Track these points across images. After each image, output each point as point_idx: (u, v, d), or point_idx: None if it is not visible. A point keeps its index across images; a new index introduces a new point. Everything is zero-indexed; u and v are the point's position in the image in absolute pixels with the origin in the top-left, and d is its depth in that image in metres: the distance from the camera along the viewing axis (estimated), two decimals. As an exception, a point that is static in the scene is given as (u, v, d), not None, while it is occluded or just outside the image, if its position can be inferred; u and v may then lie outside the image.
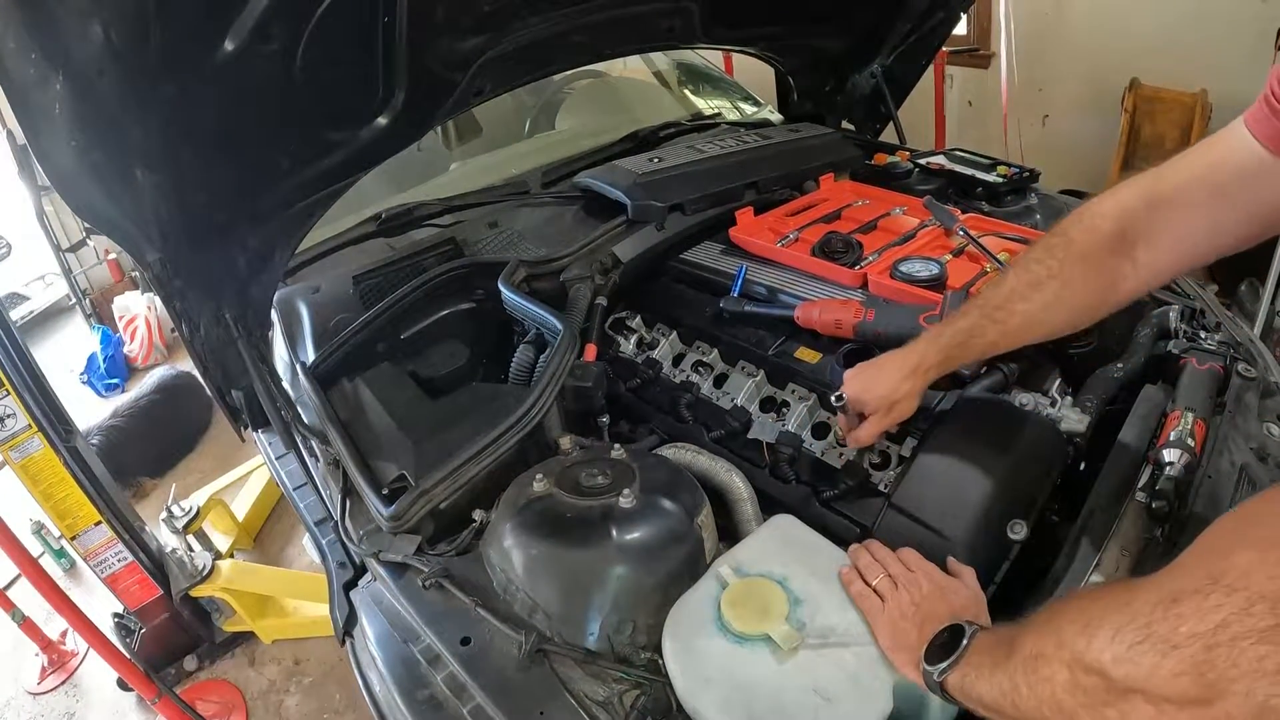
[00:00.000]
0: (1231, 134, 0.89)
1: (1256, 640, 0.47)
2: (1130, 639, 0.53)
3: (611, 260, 1.75)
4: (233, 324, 1.45)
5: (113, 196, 1.20)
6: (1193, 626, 0.50)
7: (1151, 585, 0.55)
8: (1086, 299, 1.02)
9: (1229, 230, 0.91)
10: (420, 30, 1.42)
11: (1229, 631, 0.48)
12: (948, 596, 0.93)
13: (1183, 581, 0.53)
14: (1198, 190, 0.91)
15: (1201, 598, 0.50)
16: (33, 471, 2.08)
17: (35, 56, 0.97)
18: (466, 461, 1.21)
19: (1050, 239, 1.03)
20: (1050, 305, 1.02)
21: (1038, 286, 1.02)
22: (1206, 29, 3.35)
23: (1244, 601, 0.48)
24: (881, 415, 1.16)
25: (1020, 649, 0.68)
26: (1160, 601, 0.52)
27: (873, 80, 2.41)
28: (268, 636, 2.55)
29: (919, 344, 1.15)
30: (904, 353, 1.15)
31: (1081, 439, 1.22)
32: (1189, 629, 0.50)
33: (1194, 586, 0.51)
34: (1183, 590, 0.52)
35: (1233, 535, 0.53)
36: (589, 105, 2.85)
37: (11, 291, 4.87)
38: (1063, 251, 1.00)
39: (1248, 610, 0.48)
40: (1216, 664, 0.48)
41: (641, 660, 1.01)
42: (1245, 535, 0.52)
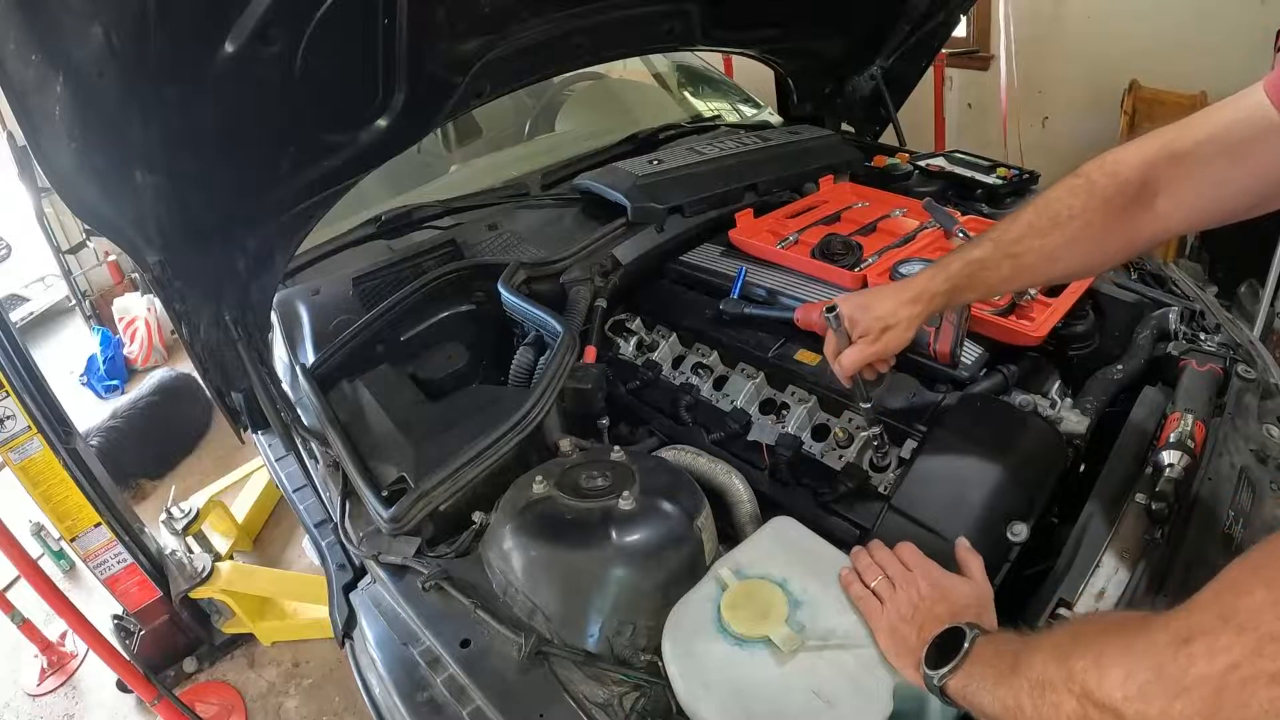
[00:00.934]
0: (1249, 95, 0.89)
1: (1267, 683, 0.47)
2: (1142, 679, 0.53)
3: (611, 262, 1.75)
4: (232, 326, 1.45)
5: (112, 198, 1.20)
6: (1203, 669, 0.50)
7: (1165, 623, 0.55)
8: (1105, 243, 1.00)
9: (1235, 192, 0.91)
10: (420, 32, 1.42)
11: (1239, 674, 0.48)
12: (948, 596, 0.91)
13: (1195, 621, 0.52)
14: (1210, 146, 0.91)
15: (1213, 638, 0.50)
16: (32, 473, 2.08)
17: (35, 58, 0.98)
18: (466, 463, 1.21)
19: (1072, 180, 1.01)
20: (1069, 243, 1.00)
21: (1058, 224, 1.00)
22: (1206, 30, 3.36)
23: (1255, 643, 0.48)
24: (872, 339, 1.11)
25: (1027, 669, 0.67)
26: (1172, 642, 0.52)
27: (872, 82, 2.41)
28: (267, 638, 2.55)
29: (925, 271, 1.11)
30: (908, 279, 1.12)
31: (1081, 440, 1.22)
32: (1199, 671, 0.50)
33: (1205, 627, 0.51)
34: (1194, 630, 0.51)
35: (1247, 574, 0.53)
36: (589, 107, 2.85)
37: (11, 293, 4.87)
38: (1085, 193, 0.99)
39: (1259, 652, 0.48)
40: (1226, 707, 0.48)
41: (641, 662, 1.01)
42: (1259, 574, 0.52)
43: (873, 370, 1.19)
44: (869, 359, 1.13)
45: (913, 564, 0.97)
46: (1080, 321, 1.43)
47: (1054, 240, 1.00)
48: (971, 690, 0.75)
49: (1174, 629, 0.53)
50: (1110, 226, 0.98)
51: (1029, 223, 1.03)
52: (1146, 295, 1.53)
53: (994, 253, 1.05)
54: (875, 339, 1.11)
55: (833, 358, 1.16)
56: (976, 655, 0.77)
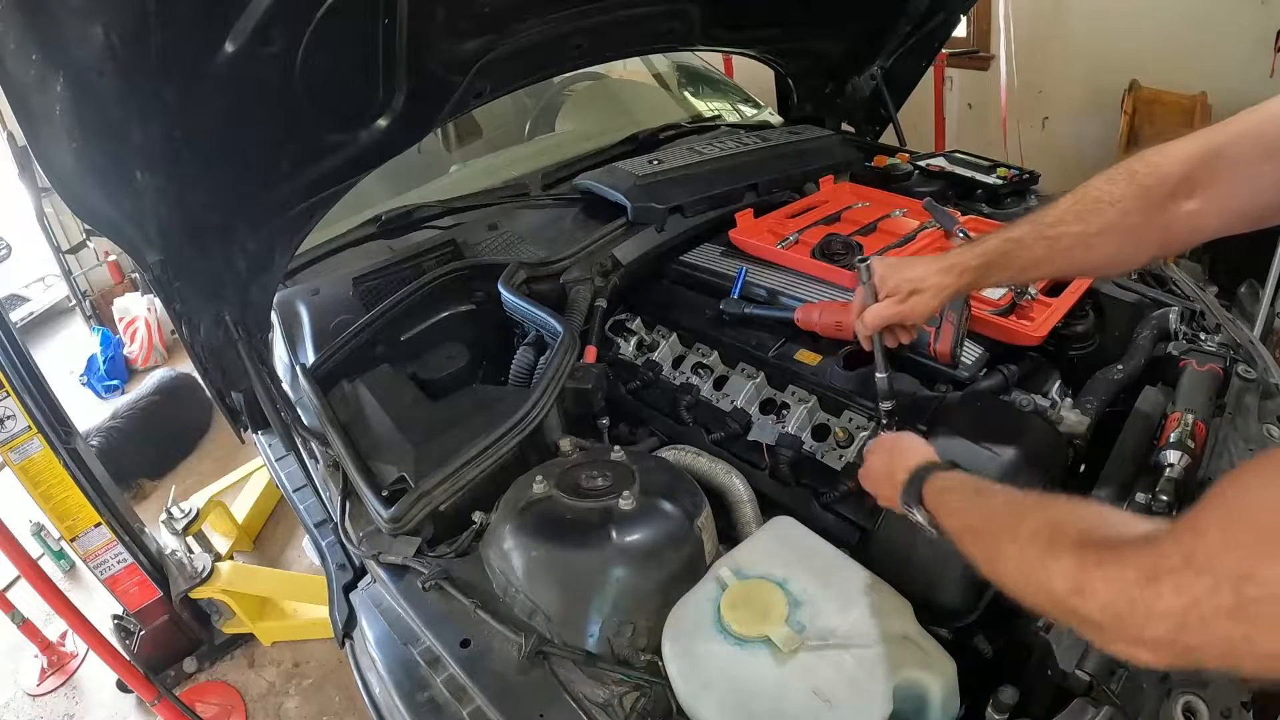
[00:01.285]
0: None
1: (1224, 618, 0.53)
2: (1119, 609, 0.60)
3: (611, 262, 1.75)
4: (233, 326, 1.45)
5: (113, 198, 1.20)
6: (1169, 603, 0.56)
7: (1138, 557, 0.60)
8: (1140, 235, 1.00)
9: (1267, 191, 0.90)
10: (420, 32, 1.42)
11: (1199, 610, 0.54)
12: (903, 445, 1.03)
13: (1161, 560, 0.58)
14: (1246, 143, 0.90)
15: (1177, 577, 0.56)
16: (32, 473, 2.08)
17: (36, 58, 0.98)
18: (466, 463, 1.21)
19: (1112, 172, 1.01)
20: (1105, 232, 1.00)
21: (1096, 211, 1.00)
22: (1206, 31, 3.36)
23: (1212, 582, 0.54)
24: (899, 299, 1.11)
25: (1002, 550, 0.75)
26: (1141, 579, 0.58)
27: (872, 82, 2.42)
28: (267, 638, 2.55)
29: (962, 246, 1.11)
30: (944, 253, 1.13)
31: (1081, 440, 1.22)
32: (1165, 605, 0.56)
33: (1170, 566, 0.57)
34: (1161, 570, 0.57)
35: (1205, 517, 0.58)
36: (589, 107, 2.85)
37: (11, 293, 4.87)
38: (1125, 182, 0.99)
39: (1215, 591, 0.54)
40: (1189, 637, 0.55)
41: (641, 662, 1.01)
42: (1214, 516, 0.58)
43: (893, 336, 1.19)
44: (892, 319, 1.13)
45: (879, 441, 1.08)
46: (1080, 321, 1.43)
47: (1091, 226, 1.00)
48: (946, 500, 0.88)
49: (1145, 567, 0.59)
50: (1146, 218, 0.98)
51: (1068, 208, 1.03)
52: (1146, 295, 1.53)
53: (1030, 233, 1.05)
54: (902, 300, 1.11)
55: (856, 313, 1.17)
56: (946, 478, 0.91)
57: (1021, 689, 0.93)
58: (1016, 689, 0.92)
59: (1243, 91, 3.34)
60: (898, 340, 1.20)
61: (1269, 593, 0.52)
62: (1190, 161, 0.95)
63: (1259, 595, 0.52)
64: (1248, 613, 0.53)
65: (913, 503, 0.94)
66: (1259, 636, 0.53)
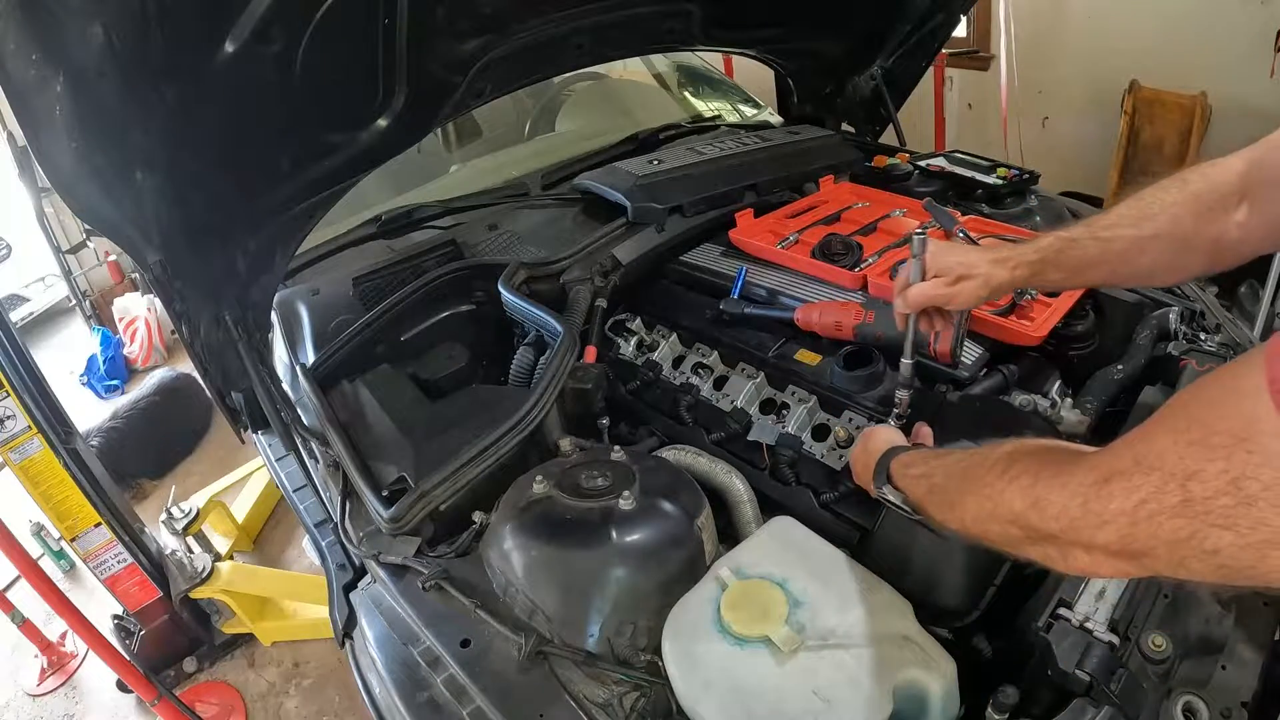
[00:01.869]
0: None
1: (1170, 515, 0.56)
2: (1073, 514, 0.63)
3: (611, 262, 1.75)
4: (233, 326, 1.45)
5: (113, 198, 1.20)
6: (1120, 504, 0.59)
7: (1092, 464, 0.63)
8: (1190, 244, 0.99)
9: None
10: (420, 32, 1.42)
11: (1148, 508, 0.57)
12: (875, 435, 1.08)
13: (1113, 462, 0.61)
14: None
15: (1126, 479, 0.59)
16: (32, 473, 2.08)
17: (36, 58, 0.98)
18: (466, 463, 1.21)
19: (1166, 181, 1.02)
20: (1156, 238, 1.00)
21: (1148, 216, 1.00)
22: (1206, 31, 3.36)
23: (1160, 481, 0.57)
24: (947, 281, 1.09)
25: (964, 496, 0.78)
26: (1095, 481, 0.61)
27: (872, 82, 2.42)
28: (267, 639, 2.55)
29: (1016, 243, 1.11)
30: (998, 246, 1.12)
31: (1081, 440, 1.22)
32: (1117, 506, 0.59)
33: (1121, 468, 0.60)
34: (1113, 471, 0.60)
35: (1155, 422, 0.60)
36: (589, 107, 2.85)
37: (11, 293, 4.87)
38: (1178, 190, 0.99)
39: (1162, 489, 0.56)
40: (1140, 536, 0.58)
41: (641, 662, 1.01)
42: (1163, 422, 0.60)
43: (928, 321, 1.17)
44: (935, 301, 1.11)
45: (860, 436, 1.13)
46: (1080, 321, 1.43)
47: (1144, 231, 1.00)
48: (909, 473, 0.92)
49: (1098, 469, 0.62)
50: (1196, 227, 0.98)
51: (1122, 212, 1.03)
52: (1147, 295, 1.52)
53: (1085, 234, 1.04)
54: (950, 282, 1.09)
55: (900, 288, 1.14)
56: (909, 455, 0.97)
57: (1021, 689, 0.93)
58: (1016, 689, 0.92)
59: (1243, 91, 3.35)
60: (932, 327, 1.18)
61: (1214, 489, 0.53)
62: (1240, 172, 0.95)
63: (1204, 492, 0.54)
64: (1194, 509, 0.54)
65: (883, 484, 0.98)
66: (1205, 533, 0.54)
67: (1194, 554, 0.55)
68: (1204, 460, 0.54)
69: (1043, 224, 1.82)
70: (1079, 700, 0.88)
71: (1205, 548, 0.54)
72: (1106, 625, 0.91)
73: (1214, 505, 0.53)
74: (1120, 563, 0.62)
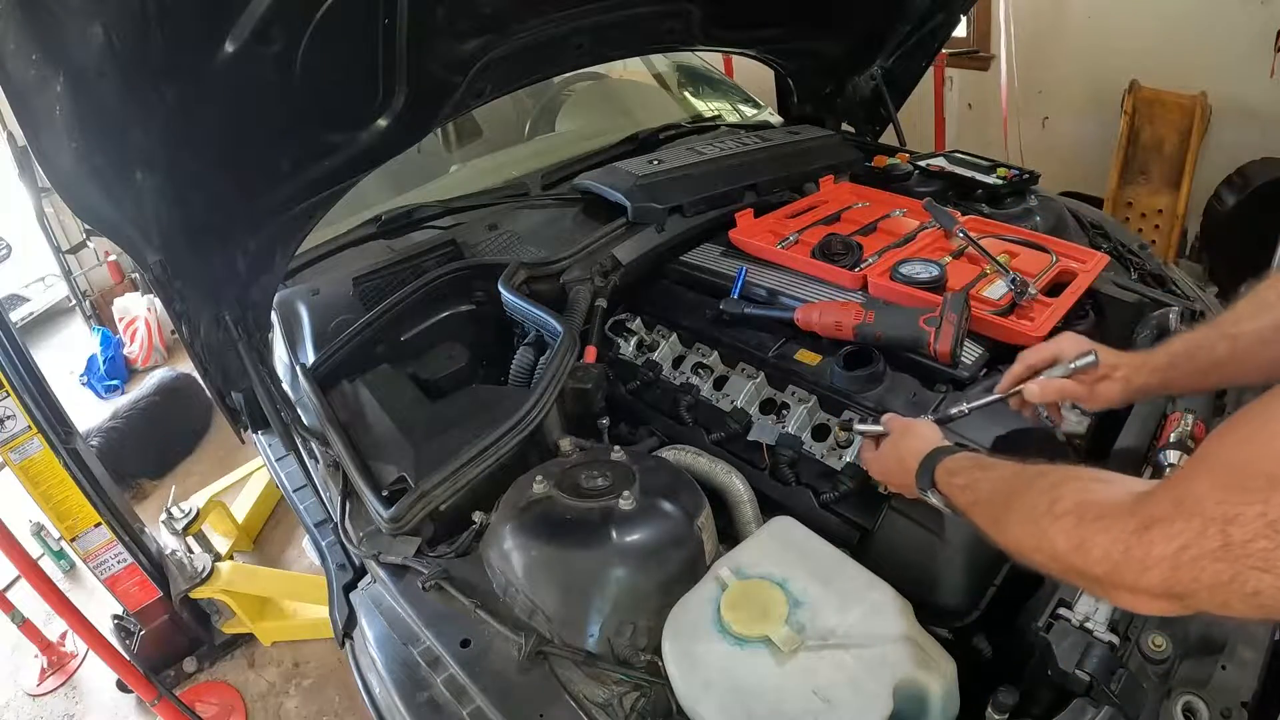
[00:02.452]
0: None
1: (1212, 559, 0.57)
2: (1116, 559, 0.64)
3: (611, 262, 1.75)
4: (233, 326, 1.45)
5: (113, 198, 1.20)
6: (1161, 550, 0.60)
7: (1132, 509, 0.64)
8: None
9: None
10: (420, 32, 1.42)
11: (1190, 554, 0.58)
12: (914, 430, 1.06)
13: (1153, 509, 0.62)
14: None
15: (1168, 524, 0.60)
16: (32, 473, 2.08)
17: (36, 58, 0.98)
18: (466, 463, 1.21)
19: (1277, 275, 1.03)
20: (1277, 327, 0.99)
21: (1266, 307, 1.00)
22: (1206, 31, 3.35)
23: (1200, 526, 0.58)
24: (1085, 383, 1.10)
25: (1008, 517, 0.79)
26: (1137, 528, 0.62)
27: (872, 82, 2.42)
28: (267, 639, 2.55)
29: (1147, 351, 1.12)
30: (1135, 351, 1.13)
31: (1081, 440, 1.22)
32: (1159, 552, 0.60)
33: (1161, 514, 0.61)
34: (1153, 518, 0.62)
35: (1192, 466, 0.63)
36: (589, 107, 2.85)
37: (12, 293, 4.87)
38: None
39: (1203, 534, 0.57)
40: (1183, 580, 0.59)
41: (641, 662, 1.01)
42: (1200, 466, 0.62)
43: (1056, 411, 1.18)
44: (1073, 398, 1.13)
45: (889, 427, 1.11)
46: (1080, 321, 1.44)
47: (1264, 323, 1.00)
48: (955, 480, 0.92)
49: (1139, 514, 0.63)
50: None
51: (1241, 309, 1.03)
52: (1146, 295, 1.53)
53: (1213, 334, 1.05)
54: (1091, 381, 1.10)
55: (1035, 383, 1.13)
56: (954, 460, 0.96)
57: (1021, 689, 0.93)
58: (1016, 689, 0.92)
59: (1243, 91, 3.35)
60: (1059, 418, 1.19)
61: (1252, 531, 0.55)
62: None
63: (1243, 536, 0.55)
64: (1234, 553, 0.56)
65: (927, 487, 0.98)
66: (1246, 575, 0.55)
67: (1236, 596, 0.57)
68: (1241, 504, 0.56)
69: (1043, 224, 1.82)
70: (1079, 700, 0.88)
71: (1246, 590, 0.56)
72: (1106, 625, 0.92)
73: (1253, 548, 0.55)
74: (1164, 604, 0.63)
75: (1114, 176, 3.76)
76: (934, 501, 0.98)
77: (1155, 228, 3.70)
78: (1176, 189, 3.57)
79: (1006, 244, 1.62)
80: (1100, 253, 1.59)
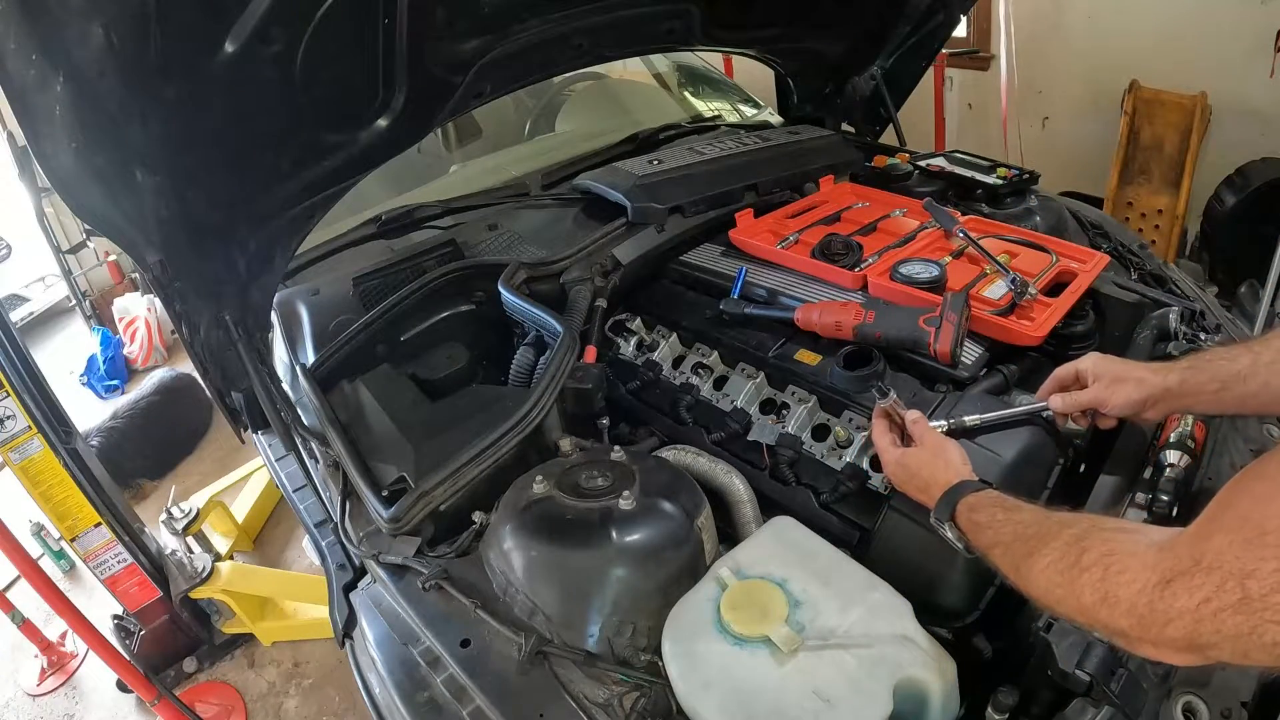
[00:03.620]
0: None
1: (1233, 612, 0.59)
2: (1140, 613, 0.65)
3: (611, 262, 1.75)
4: (233, 326, 1.45)
5: (113, 198, 1.20)
6: (1183, 604, 0.62)
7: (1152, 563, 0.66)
8: None
9: None
10: (420, 32, 1.42)
11: (1211, 606, 0.60)
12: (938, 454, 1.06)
13: (1174, 564, 0.64)
14: None
15: (1188, 579, 0.62)
16: (32, 473, 2.08)
17: (36, 58, 0.97)
18: (466, 463, 1.21)
19: None
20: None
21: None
22: (1206, 31, 3.36)
23: (1220, 580, 0.60)
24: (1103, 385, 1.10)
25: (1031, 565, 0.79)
26: (1159, 583, 0.64)
27: (872, 82, 2.41)
28: (267, 639, 2.55)
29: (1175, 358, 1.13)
30: None
31: (1081, 440, 1.22)
32: (1181, 605, 0.62)
33: (1181, 569, 0.63)
34: (1174, 572, 0.63)
35: (1209, 521, 0.64)
36: (589, 107, 2.85)
37: (11, 293, 4.87)
38: None
39: (1222, 588, 0.59)
40: (1204, 633, 0.61)
41: (641, 662, 1.01)
42: (1218, 521, 0.63)
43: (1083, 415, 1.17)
44: (1088, 406, 1.13)
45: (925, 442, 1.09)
46: (1080, 321, 1.43)
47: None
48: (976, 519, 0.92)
49: (1160, 569, 0.65)
50: None
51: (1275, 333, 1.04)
52: (1147, 295, 1.53)
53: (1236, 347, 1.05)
54: (1107, 385, 1.10)
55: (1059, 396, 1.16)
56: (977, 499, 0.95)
57: (1021, 689, 0.93)
58: (1016, 689, 0.92)
59: (1243, 91, 3.35)
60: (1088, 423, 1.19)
61: (1270, 585, 0.57)
62: None
63: (1261, 589, 0.57)
64: (1253, 606, 0.57)
65: (944, 520, 0.98)
66: (1266, 628, 0.57)
67: (1255, 647, 0.58)
68: (1258, 559, 0.58)
69: (1043, 224, 1.82)
70: (1079, 700, 0.88)
71: (1265, 641, 0.57)
72: (1106, 625, 0.91)
73: (1271, 601, 0.57)
74: (1187, 655, 0.65)
75: (1114, 176, 3.77)
76: (948, 536, 0.98)
77: (1155, 228, 3.70)
78: (1176, 189, 3.57)
79: (1006, 244, 1.62)
80: (1100, 253, 1.59)
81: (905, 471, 1.08)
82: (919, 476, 1.05)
